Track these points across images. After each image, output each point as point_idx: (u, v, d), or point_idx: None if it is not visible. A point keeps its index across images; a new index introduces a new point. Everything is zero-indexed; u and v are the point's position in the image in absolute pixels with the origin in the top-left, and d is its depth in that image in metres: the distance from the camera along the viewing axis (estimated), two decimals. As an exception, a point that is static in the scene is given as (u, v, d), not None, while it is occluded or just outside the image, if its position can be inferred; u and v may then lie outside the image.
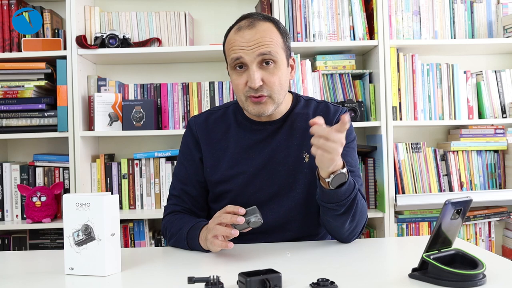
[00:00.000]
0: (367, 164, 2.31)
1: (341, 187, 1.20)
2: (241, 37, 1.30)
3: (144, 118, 2.26)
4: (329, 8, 2.30)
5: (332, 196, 1.21)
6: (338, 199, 1.22)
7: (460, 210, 0.98)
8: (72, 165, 2.22)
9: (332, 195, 1.21)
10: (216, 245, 1.18)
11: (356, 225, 1.30)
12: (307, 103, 1.46)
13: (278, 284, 0.93)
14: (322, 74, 2.32)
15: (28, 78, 2.25)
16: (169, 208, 1.46)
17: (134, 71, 2.53)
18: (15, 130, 2.23)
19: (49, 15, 2.32)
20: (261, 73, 1.30)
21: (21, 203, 2.26)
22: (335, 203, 1.22)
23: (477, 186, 2.34)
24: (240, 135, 1.42)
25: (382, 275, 1.06)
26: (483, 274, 0.95)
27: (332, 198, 1.22)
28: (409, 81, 2.31)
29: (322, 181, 1.22)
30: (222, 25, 1.47)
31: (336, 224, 1.28)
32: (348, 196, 1.22)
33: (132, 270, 1.12)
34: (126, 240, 2.29)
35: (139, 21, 2.37)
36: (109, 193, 1.27)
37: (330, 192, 1.21)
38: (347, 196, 1.22)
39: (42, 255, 1.40)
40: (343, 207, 1.23)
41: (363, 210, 1.31)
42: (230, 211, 1.18)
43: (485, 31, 2.40)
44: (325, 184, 1.21)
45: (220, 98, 2.34)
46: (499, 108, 2.38)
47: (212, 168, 1.42)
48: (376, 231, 2.35)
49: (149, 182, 2.32)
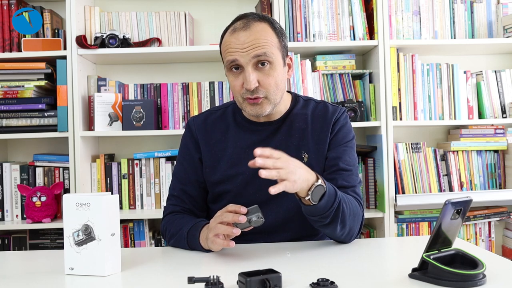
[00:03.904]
0: (367, 164, 2.31)
1: (320, 201, 1.17)
2: (236, 39, 1.30)
3: (144, 118, 2.26)
4: (329, 8, 2.30)
5: (314, 210, 1.19)
6: (320, 212, 1.19)
7: (460, 210, 0.98)
8: (72, 165, 2.22)
9: (314, 210, 1.19)
10: (217, 244, 1.18)
11: (349, 228, 1.28)
12: (306, 103, 1.46)
13: (278, 284, 0.93)
14: (322, 74, 2.32)
15: (28, 78, 2.25)
16: (169, 208, 1.46)
17: (134, 71, 2.53)
18: (15, 130, 2.23)
19: (49, 15, 2.32)
20: (256, 75, 1.30)
21: (21, 203, 2.26)
22: (318, 216, 1.21)
23: (477, 186, 2.34)
24: (239, 136, 1.42)
25: (382, 275, 1.06)
26: (483, 274, 0.95)
27: (315, 212, 1.20)
28: (409, 81, 2.31)
29: (302, 200, 1.19)
30: (222, 25, 1.47)
31: (327, 232, 1.28)
32: (330, 207, 1.19)
33: (132, 270, 1.12)
34: (126, 240, 2.29)
35: (139, 21, 2.37)
36: (109, 193, 1.27)
37: (311, 208, 1.19)
38: (329, 208, 1.19)
39: (42, 255, 1.40)
40: (328, 218, 1.21)
41: (355, 212, 1.29)
42: (231, 210, 1.18)
43: (485, 31, 2.40)
44: (306, 202, 1.18)
45: (220, 98, 2.34)
46: (499, 108, 2.38)
47: (211, 168, 1.42)
48: (376, 231, 2.35)
49: (149, 182, 2.32)
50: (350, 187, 1.35)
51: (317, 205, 1.17)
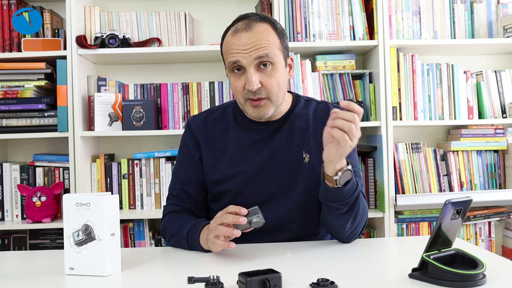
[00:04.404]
0: (367, 164, 2.31)
1: (345, 186, 1.20)
2: (238, 40, 1.30)
3: (144, 118, 2.26)
4: (329, 8, 2.30)
5: (337, 194, 1.21)
6: (342, 198, 1.21)
7: (460, 210, 0.98)
8: (72, 165, 2.22)
9: (337, 194, 1.21)
10: (217, 245, 1.18)
11: (357, 224, 1.30)
12: (307, 103, 1.46)
13: (278, 284, 0.93)
14: (322, 74, 2.32)
15: (28, 78, 2.25)
16: (169, 208, 1.46)
17: (134, 71, 2.53)
18: (15, 130, 2.23)
19: (49, 15, 2.32)
20: (258, 76, 1.30)
21: (21, 203, 2.26)
22: (339, 202, 1.22)
23: (477, 186, 2.34)
24: (240, 135, 1.42)
25: (382, 275, 1.06)
26: (483, 274, 0.95)
27: (337, 197, 1.22)
28: (409, 81, 2.31)
29: (328, 179, 1.21)
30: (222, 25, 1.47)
31: (338, 223, 1.28)
32: (351, 194, 1.22)
33: (132, 270, 1.12)
34: (126, 240, 2.29)
35: (139, 21, 2.37)
36: (109, 193, 1.28)
37: (336, 190, 1.21)
38: (351, 195, 1.22)
39: (42, 255, 1.40)
40: (347, 206, 1.23)
41: (364, 210, 1.31)
42: (232, 211, 1.18)
43: (485, 31, 2.40)
44: (331, 183, 1.21)
45: (220, 98, 2.34)
46: (499, 108, 2.38)
47: (211, 167, 1.42)
48: (376, 231, 2.35)
49: (149, 182, 2.32)
50: (353, 187, 1.36)
51: (343, 189, 1.20)
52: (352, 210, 1.25)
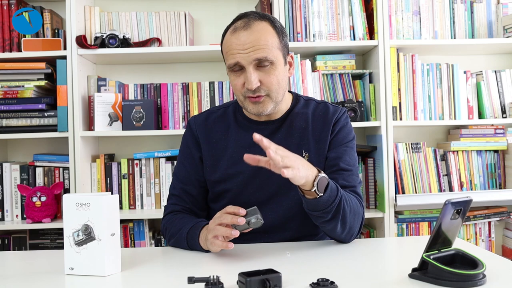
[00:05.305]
0: (367, 164, 2.31)
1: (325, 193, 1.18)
2: (237, 39, 1.30)
3: (144, 118, 2.26)
4: (329, 8, 2.30)
5: (316, 205, 1.20)
6: (322, 207, 1.20)
7: (460, 210, 0.98)
8: (72, 165, 2.22)
9: (316, 204, 1.19)
10: (216, 245, 1.18)
11: (350, 227, 1.28)
12: (306, 103, 1.46)
13: (278, 284, 0.93)
14: (322, 74, 2.32)
15: (28, 78, 2.25)
16: (169, 207, 1.46)
17: (134, 71, 2.53)
18: (15, 130, 2.23)
19: (49, 15, 2.32)
20: (258, 74, 1.30)
21: (21, 203, 2.26)
22: (321, 211, 1.21)
23: (477, 186, 2.34)
24: (240, 135, 1.42)
25: (382, 275, 1.06)
26: (483, 274, 0.95)
27: (317, 207, 1.20)
28: (409, 81, 2.31)
29: (306, 193, 1.19)
30: (222, 25, 1.47)
31: (327, 229, 1.28)
32: (332, 202, 1.20)
33: (132, 270, 1.12)
34: (126, 240, 2.29)
35: (139, 21, 2.37)
36: (109, 193, 1.28)
37: (314, 202, 1.19)
38: (331, 202, 1.20)
39: (42, 255, 1.40)
40: (329, 214, 1.21)
41: (354, 211, 1.29)
42: (230, 212, 1.18)
43: (485, 31, 2.40)
44: (309, 195, 1.19)
45: (220, 98, 2.34)
46: (499, 108, 2.38)
47: (212, 167, 1.42)
48: (376, 231, 2.35)
49: (149, 182, 2.32)
50: (350, 187, 1.36)
51: (321, 198, 1.17)
52: (337, 216, 1.23)
